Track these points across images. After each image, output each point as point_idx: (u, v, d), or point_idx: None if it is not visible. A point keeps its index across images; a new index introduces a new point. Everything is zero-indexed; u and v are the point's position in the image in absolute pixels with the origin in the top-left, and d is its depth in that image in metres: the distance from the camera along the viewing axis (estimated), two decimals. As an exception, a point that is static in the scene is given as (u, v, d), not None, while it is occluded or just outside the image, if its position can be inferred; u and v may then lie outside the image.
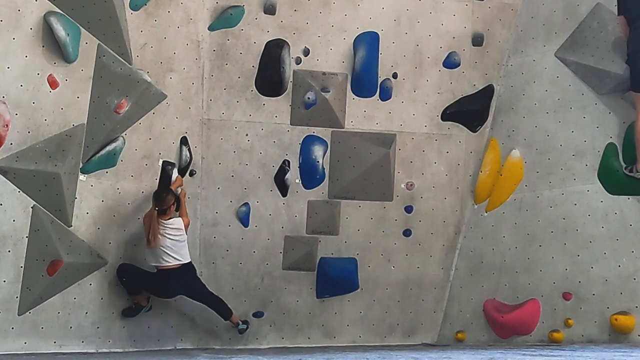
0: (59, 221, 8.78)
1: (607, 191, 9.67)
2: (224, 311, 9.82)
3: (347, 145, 10.47)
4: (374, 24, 10.53)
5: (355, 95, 10.53)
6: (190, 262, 9.49)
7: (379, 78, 10.54)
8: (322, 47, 10.47)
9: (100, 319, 9.24)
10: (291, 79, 10.41)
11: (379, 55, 10.53)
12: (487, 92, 10.67)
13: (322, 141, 10.46)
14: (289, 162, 10.39)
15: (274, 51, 10.39)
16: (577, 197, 9.82)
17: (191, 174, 10.14)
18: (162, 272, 9.34)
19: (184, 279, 9.45)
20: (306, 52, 10.44)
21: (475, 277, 10.40)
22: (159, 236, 9.25)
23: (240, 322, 9.92)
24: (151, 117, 9.70)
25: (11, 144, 8.46)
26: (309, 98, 10.42)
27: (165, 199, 9.36)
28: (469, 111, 10.65)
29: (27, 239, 8.55)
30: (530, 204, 10.14)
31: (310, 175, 10.44)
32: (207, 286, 9.80)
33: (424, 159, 10.60)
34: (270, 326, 10.31)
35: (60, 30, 8.71)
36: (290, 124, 10.44)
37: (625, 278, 9.47)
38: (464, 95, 10.66)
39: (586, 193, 9.79)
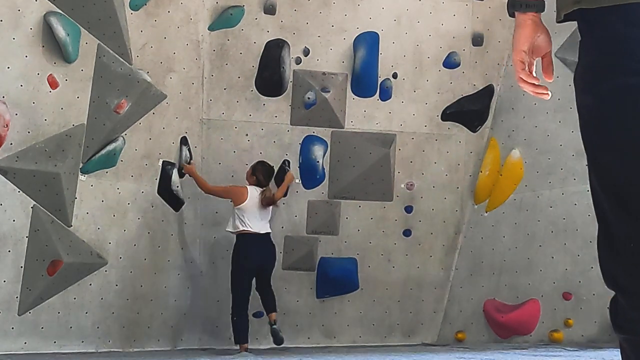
0: (59, 221, 8.78)
1: (607, 191, 9.66)
2: (273, 303, 9.66)
3: (347, 145, 10.47)
4: (374, 24, 10.53)
5: (355, 95, 10.53)
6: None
7: (379, 78, 10.54)
8: (322, 47, 10.47)
9: (100, 319, 9.24)
10: (291, 79, 10.41)
11: (379, 55, 10.53)
12: (487, 92, 10.67)
13: (322, 141, 10.46)
14: (289, 162, 10.38)
15: (274, 51, 10.39)
16: (577, 197, 9.81)
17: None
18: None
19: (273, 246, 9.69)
20: (306, 52, 10.44)
21: (475, 277, 10.40)
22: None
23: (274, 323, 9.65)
24: (151, 117, 9.69)
25: (11, 144, 8.45)
26: (309, 98, 10.42)
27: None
28: (469, 111, 10.65)
29: (27, 239, 8.54)
30: (530, 204, 10.15)
31: (310, 175, 10.44)
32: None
33: (424, 159, 10.60)
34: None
35: (60, 30, 8.70)
36: (290, 124, 10.44)
37: (625, 278, 9.46)
38: (464, 95, 10.65)
39: (586, 193, 9.72)
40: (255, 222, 9.49)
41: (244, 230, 9.47)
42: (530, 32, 2.72)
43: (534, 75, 2.76)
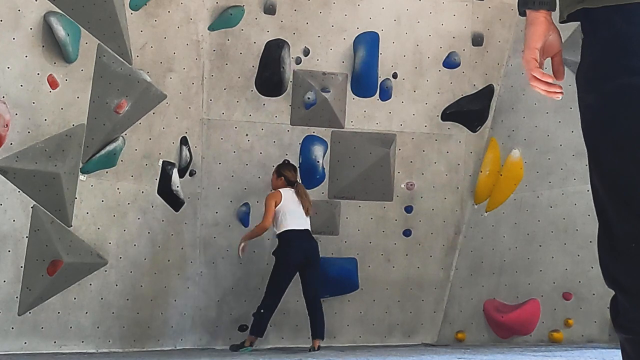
0: (59, 221, 8.78)
1: (607, 191, 9.66)
2: (322, 326, 9.43)
3: (347, 145, 10.48)
4: (374, 24, 10.54)
5: (355, 95, 10.54)
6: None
7: (379, 78, 10.55)
8: (322, 47, 10.48)
9: (100, 319, 9.24)
10: (291, 79, 10.41)
11: (379, 55, 10.53)
12: (487, 92, 10.68)
13: (322, 141, 10.46)
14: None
15: (274, 51, 10.39)
16: (577, 197, 9.82)
17: (191, 174, 10.15)
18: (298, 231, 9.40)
19: (315, 243, 9.59)
20: (306, 52, 10.44)
21: (475, 277, 10.41)
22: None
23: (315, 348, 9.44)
24: (151, 117, 9.70)
25: (11, 144, 8.45)
26: (309, 98, 10.42)
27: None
28: (469, 111, 10.66)
29: (27, 239, 8.54)
30: (530, 204, 10.15)
31: (310, 175, 10.44)
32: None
33: (424, 159, 10.61)
34: (270, 326, 10.30)
35: (60, 30, 8.70)
36: (290, 124, 10.44)
37: (625, 278, 9.46)
38: (464, 95, 10.66)
39: (586, 193, 9.79)
40: (294, 219, 9.37)
41: (284, 230, 9.40)
42: (543, 29, 2.71)
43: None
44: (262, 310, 9.33)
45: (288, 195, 9.46)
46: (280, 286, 9.36)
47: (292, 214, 9.38)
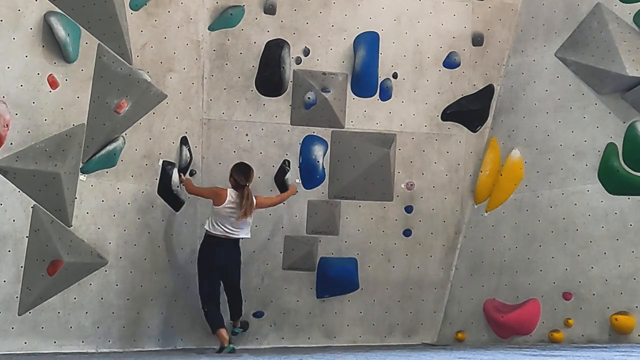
0: (59, 221, 8.78)
1: (607, 191, 9.67)
2: (238, 310, 9.86)
3: (347, 145, 10.48)
4: (374, 24, 10.54)
5: (355, 95, 10.54)
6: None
7: (379, 78, 10.55)
8: (322, 47, 10.48)
9: (100, 319, 9.24)
10: (291, 79, 10.42)
11: (379, 55, 10.54)
12: (487, 92, 10.68)
13: (322, 141, 10.47)
14: (289, 162, 10.39)
15: (274, 51, 10.40)
16: (577, 197, 9.83)
17: (191, 174, 10.15)
18: (224, 239, 9.50)
19: (238, 250, 9.62)
20: (306, 52, 10.45)
21: (475, 277, 10.41)
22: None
23: (239, 325, 9.91)
24: (151, 117, 9.70)
25: (11, 144, 8.45)
26: (309, 98, 10.43)
27: (251, 174, 9.52)
28: (469, 111, 10.66)
29: (27, 239, 8.54)
30: (530, 204, 10.15)
31: (310, 175, 10.44)
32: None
33: (424, 159, 10.61)
34: (270, 326, 10.32)
35: (60, 30, 8.70)
36: (291, 124, 10.44)
37: (625, 278, 9.48)
38: (464, 95, 10.66)
39: (586, 193, 9.80)
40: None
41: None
42: None
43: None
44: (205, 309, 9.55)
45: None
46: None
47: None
